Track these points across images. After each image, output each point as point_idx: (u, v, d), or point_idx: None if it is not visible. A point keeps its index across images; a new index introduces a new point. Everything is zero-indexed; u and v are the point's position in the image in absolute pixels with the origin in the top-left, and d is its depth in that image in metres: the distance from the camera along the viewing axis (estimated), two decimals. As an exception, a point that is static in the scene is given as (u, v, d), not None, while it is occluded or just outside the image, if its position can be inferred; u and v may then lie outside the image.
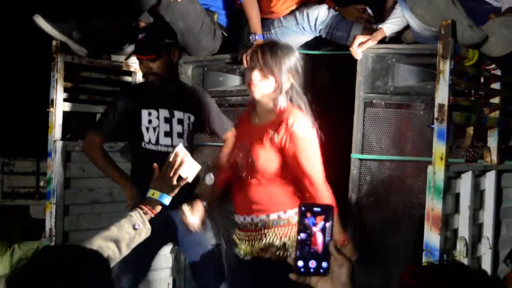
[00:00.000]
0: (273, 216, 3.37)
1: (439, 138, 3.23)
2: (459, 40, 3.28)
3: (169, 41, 4.03)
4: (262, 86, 3.33)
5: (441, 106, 3.22)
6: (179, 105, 4.05)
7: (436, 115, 3.22)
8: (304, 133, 3.31)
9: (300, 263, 1.89)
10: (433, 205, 3.23)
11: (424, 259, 3.24)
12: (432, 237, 3.20)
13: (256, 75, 3.31)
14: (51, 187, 4.43)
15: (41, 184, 8.19)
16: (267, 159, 3.33)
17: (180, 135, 4.03)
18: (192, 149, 4.14)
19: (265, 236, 3.37)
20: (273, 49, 3.33)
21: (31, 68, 7.26)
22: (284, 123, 3.30)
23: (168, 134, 4.01)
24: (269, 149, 3.32)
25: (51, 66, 4.42)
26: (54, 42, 4.40)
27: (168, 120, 4.02)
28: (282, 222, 3.37)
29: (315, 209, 1.90)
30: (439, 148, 3.23)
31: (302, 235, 1.89)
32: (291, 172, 3.34)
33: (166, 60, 3.98)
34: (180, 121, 4.04)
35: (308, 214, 1.89)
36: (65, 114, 4.51)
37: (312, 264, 1.89)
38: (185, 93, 4.14)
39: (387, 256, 4.06)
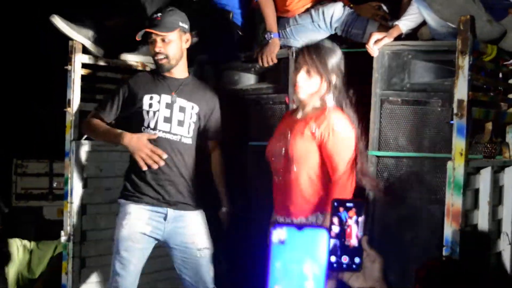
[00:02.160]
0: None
1: (459, 133, 3.24)
2: (478, 35, 3.28)
3: (182, 25, 4.07)
4: (308, 86, 3.43)
5: (460, 101, 3.23)
6: (184, 93, 4.07)
7: (455, 110, 3.23)
8: (344, 132, 3.48)
9: (333, 258, 1.87)
10: (453, 200, 3.23)
11: (444, 255, 3.24)
12: (452, 233, 3.21)
13: (301, 76, 3.48)
14: (68, 187, 4.44)
15: (54, 185, 8.23)
16: (303, 148, 3.39)
17: (180, 123, 4.03)
18: (198, 143, 4.14)
19: None
20: (318, 50, 3.50)
21: (43, 69, 7.29)
22: (327, 120, 3.46)
23: (168, 119, 4.02)
24: (307, 139, 3.38)
25: (68, 66, 4.42)
26: (70, 42, 4.41)
27: (169, 106, 4.03)
28: None
29: (348, 204, 1.88)
30: (459, 143, 3.24)
31: (335, 230, 1.87)
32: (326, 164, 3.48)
33: (177, 44, 4.03)
34: (182, 109, 4.04)
35: (341, 209, 1.88)
36: (82, 114, 4.51)
37: (345, 259, 1.87)
38: (192, 83, 4.15)
39: (405, 253, 4.04)
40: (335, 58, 3.60)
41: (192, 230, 4.04)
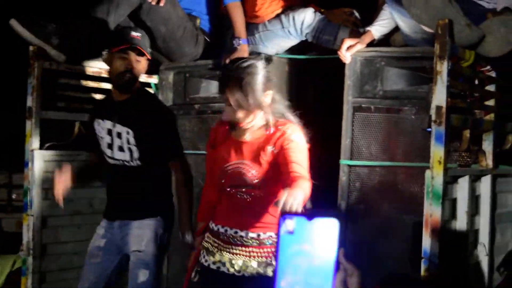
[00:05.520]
0: (269, 235, 3.25)
1: (437, 141, 3.14)
2: (456, 40, 3.20)
3: (150, 50, 3.92)
4: (251, 121, 3.19)
5: (439, 108, 3.14)
6: (121, 118, 3.85)
7: (434, 117, 3.13)
8: (298, 140, 3.20)
9: None
10: (432, 210, 3.13)
11: (423, 267, 3.14)
12: (431, 244, 3.10)
13: (240, 115, 3.17)
14: (28, 198, 4.27)
15: (13, 197, 8.06)
16: (272, 174, 3.20)
17: (120, 149, 3.85)
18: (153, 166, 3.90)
19: (258, 253, 3.25)
20: (241, 85, 3.13)
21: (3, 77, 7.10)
22: (282, 135, 3.19)
23: (110, 146, 3.87)
24: (269, 162, 3.20)
25: (28, 73, 4.26)
26: (31, 48, 4.25)
27: (109, 132, 3.88)
28: None
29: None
30: (438, 151, 3.14)
31: None
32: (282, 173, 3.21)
33: (143, 67, 3.87)
34: (119, 135, 3.87)
35: None
36: (42, 122, 4.35)
37: None
38: (134, 103, 3.91)
39: (378, 265, 3.94)
40: (259, 77, 3.20)
41: (131, 235, 3.89)
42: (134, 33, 3.83)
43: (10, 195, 8.12)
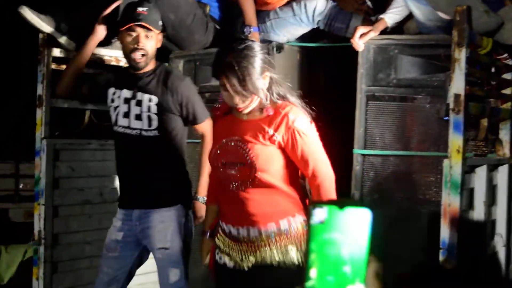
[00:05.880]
0: (272, 228, 3.17)
1: (456, 130, 3.10)
2: (475, 27, 3.15)
3: (160, 24, 3.90)
4: (249, 105, 3.07)
5: (457, 96, 3.09)
6: (143, 86, 3.85)
7: (452, 105, 3.08)
8: (304, 127, 3.07)
9: None
10: (450, 200, 3.09)
11: (441, 257, 3.10)
12: (450, 234, 3.06)
13: (238, 100, 3.03)
14: (39, 188, 4.24)
15: (21, 186, 8.05)
16: (266, 157, 3.11)
17: (138, 117, 3.81)
18: (170, 134, 3.86)
19: (265, 247, 3.17)
20: (238, 70, 2.98)
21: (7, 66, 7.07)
22: (285, 121, 3.06)
23: (127, 115, 3.83)
24: (267, 146, 3.10)
25: (38, 60, 4.22)
26: (40, 35, 4.21)
27: (127, 101, 3.85)
28: (285, 232, 3.16)
29: None
30: (456, 140, 3.10)
31: None
32: (300, 168, 3.15)
33: (155, 42, 3.84)
34: (139, 103, 3.83)
35: None
36: (52, 110, 4.31)
37: None
38: (154, 75, 3.89)
39: (393, 255, 3.90)
40: (257, 60, 3.04)
41: (154, 230, 3.82)
42: (140, 8, 3.78)
43: (17, 185, 8.12)
